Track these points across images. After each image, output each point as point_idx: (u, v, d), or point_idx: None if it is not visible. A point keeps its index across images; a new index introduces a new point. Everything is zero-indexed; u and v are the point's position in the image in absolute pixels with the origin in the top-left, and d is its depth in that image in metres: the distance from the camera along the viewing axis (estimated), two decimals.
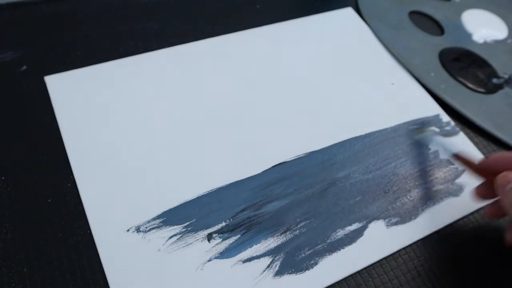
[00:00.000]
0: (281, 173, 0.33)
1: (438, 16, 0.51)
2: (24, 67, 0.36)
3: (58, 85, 0.36)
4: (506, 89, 0.44)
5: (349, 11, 0.48)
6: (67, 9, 0.42)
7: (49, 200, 0.30)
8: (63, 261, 0.27)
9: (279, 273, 0.29)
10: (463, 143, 0.38)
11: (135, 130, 0.34)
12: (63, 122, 0.33)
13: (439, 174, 0.36)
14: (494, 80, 0.44)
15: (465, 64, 0.45)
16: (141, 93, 0.36)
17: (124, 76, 0.37)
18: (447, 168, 0.36)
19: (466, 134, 0.40)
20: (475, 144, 0.39)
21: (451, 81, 0.43)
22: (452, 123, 0.40)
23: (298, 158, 0.35)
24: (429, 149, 0.37)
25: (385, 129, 0.38)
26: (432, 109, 0.40)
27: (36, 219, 0.29)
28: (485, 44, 0.49)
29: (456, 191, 0.35)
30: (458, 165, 0.36)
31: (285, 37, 0.44)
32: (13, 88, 0.35)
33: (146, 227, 0.29)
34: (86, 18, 0.41)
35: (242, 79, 0.39)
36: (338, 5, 0.48)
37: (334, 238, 0.31)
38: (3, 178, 0.30)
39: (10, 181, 0.30)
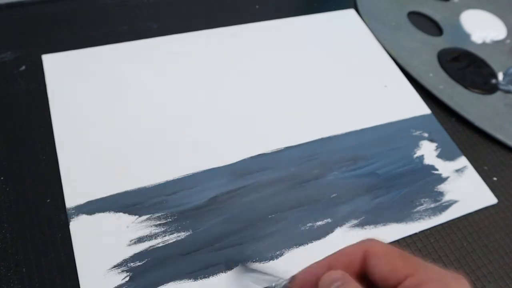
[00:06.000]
0: (259, 164, 0.34)
1: (436, 16, 0.51)
2: (23, 67, 0.36)
3: (54, 65, 0.36)
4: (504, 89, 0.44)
5: (351, 13, 0.48)
6: (66, 9, 0.42)
7: (48, 200, 0.30)
8: (62, 261, 0.27)
9: (245, 260, 0.29)
10: (452, 150, 0.38)
11: (123, 116, 0.34)
12: (55, 108, 0.34)
13: (422, 178, 0.35)
14: (493, 81, 0.44)
15: (464, 64, 0.46)
16: (135, 78, 0.37)
17: (121, 60, 0.38)
18: (430, 173, 0.36)
19: (465, 134, 0.40)
20: (474, 145, 0.39)
21: (450, 81, 0.43)
22: (442, 128, 0.39)
23: (278, 151, 0.35)
24: (415, 152, 0.37)
25: (371, 129, 0.38)
26: (422, 112, 0.40)
27: (35, 219, 0.29)
28: (484, 44, 0.49)
29: (436, 197, 0.35)
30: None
31: (282, 33, 0.44)
32: (12, 88, 0.35)
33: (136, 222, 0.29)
34: (86, 18, 0.41)
35: (234, 71, 0.39)
36: (338, 6, 0.49)
37: (303, 232, 0.31)
38: (1, 178, 0.30)
39: (9, 181, 0.30)
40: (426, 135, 0.39)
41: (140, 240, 0.28)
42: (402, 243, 0.32)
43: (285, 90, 0.39)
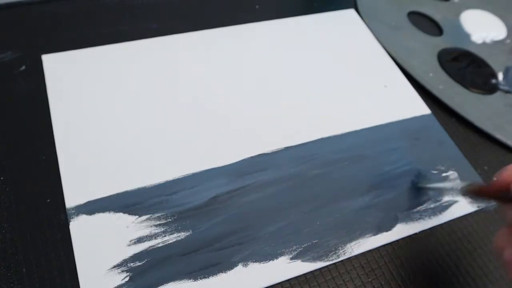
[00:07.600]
0: (259, 164, 0.34)
1: (436, 16, 0.51)
2: (23, 67, 0.36)
3: (54, 65, 0.36)
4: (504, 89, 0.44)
5: (351, 13, 0.48)
6: (66, 9, 0.42)
7: (48, 200, 0.30)
8: (62, 261, 0.27)
9: (246, 259, 0.29)
10: (452, 150, 0.38)
11: (123, 116, 0.34)
12: (55, 108, 0.34)
13: (422, 179, 0.35)
14: (493, 81, 0.44)
15: (464, 64, 0.46)
16: (134, 78, 0.37)
17: (121, 60, 0.38)
18: (430, 173, 0.36)
19: (465, 134, 0.40)
20: (474, 145, 0.39)
21: (450, 81, 0.43)
22: (442, 128, 0.39)
23: (278, 151, 0.35)
24: (414, 152, 0.37)
25: (371, 129, 0.38)
26: (422, 112, 0.40)
27: (35, 219, 0.29)
28: (484, 44, 0.49)
29: (436, 197, 0.34)
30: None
31: (282, 33, 0.44)
32: (12, 88, 0.35)
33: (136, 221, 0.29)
34: (86, 18, 0.41)
35: (234, 71, 0.39)
36: (338, 6, 0.49)
37: (303, 232, 0.31)
38: (1, 178, 0.30)
39: (9, 181, 0.30)
40: (426, 135, 0.39)
41: (140, 240, 0.29)
42: (402, 243, 0.32)
43: (285, 90, 0.39)
